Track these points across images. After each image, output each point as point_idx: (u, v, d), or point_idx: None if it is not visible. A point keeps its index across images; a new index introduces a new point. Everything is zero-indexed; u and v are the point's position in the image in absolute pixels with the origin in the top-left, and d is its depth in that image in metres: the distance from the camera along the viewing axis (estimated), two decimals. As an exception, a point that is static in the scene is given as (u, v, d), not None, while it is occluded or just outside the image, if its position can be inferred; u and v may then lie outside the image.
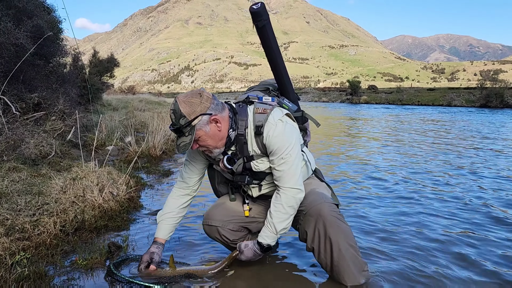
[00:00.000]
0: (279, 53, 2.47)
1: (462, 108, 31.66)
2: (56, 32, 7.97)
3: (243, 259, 2.32)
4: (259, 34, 2.38)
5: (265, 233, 2.22)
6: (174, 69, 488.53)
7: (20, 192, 3.30)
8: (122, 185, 3.75)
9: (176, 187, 2.51)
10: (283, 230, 2.21)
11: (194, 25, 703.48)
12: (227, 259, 2.37)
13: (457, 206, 4.01)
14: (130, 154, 5.96)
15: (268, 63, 2.47)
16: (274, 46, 2.42)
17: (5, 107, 5.48)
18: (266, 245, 2.22)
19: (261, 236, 2.23)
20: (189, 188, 2.49)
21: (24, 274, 2.14)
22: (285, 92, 2.54)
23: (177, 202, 2.47)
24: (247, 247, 2.29)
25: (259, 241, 2.23)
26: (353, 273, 2.19)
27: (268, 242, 2.22)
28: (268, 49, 2.42)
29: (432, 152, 7.76)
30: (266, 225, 2.22)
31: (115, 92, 33.81)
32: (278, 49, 2.46)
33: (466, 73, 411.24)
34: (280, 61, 2.46)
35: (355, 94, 47.55)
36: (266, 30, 2.36)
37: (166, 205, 2.48)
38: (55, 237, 2.70)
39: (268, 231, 2.20)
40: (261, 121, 2.14)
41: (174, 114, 2.03)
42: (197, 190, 2.56)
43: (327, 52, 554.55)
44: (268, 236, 2.21)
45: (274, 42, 2.41)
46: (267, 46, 2.41)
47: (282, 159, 2.13)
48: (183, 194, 2.49)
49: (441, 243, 3.00)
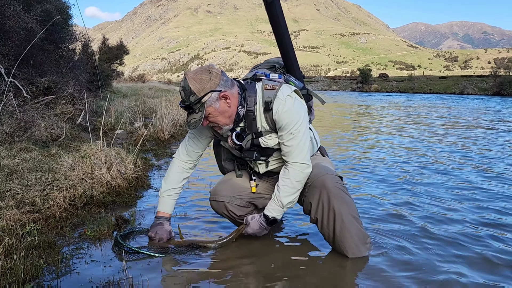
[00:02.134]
0: (287, 31, 2.48)
1: (473, 96, 31.20)
2: (65, 17, 8.02)
3: (249, 232, 2.36)
4: (267, 11, 2.39)
5: (271, 206, 2.26)
6: (184, 58, 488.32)
7: (31, 170, 3.38)
8: (130, 164, 3.81)
9: (178, 159, 2.51)
10: (289, 204, 2.25)
11: (203, 13, 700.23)
12: (234, 232, 2.42)
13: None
14: (138, 138, 6.02)
15: (276, 40, 2.48)
16: (282, 23, 2.42)
17: (16, 91, 5.57)
18: (272, 217, 2.26)
19: (268, 209, 2.27)
20: (191, 162, 2.52)
21: (34, 243, 2.21)
22: (291, 69, 2.55)
23: (180, 175, 2.49)
24: (253, 219, 2.34)
25: (265, 213, 2.28)
26: (356, 245, 2.22)
27: (274, 215, 2.26)
28: (276, 25, 2.42)
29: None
30: (273, 199, 2.26)
31: (125, 81, 33.95)
32: (286, 27, 2.46)
33: (480, 61, 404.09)
34: (287, 38, 2.46)
35: (366, 82, 47.16)
36: (274, 6, 2.36)
37: (169, 179, 2.49)
38: (64, 211, 2.78)
39: (275, 204, 2.24)
40: (270, 97, 2.16)
41: (184, 91, 2.05)
42: (196, 165, 2.60)
43: (338, 40, 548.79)
44: (274, 209, 2.25)
45: (282, 19, 2.41)
46: (275, 23, 2.41)
47: (291, 134, 2.16)
48: (185, 167, 2.51)
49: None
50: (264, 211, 2.30)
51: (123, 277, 1.97)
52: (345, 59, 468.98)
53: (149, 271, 2.08)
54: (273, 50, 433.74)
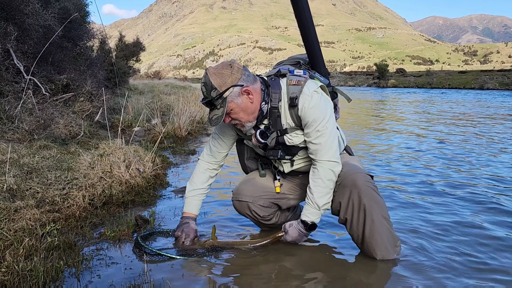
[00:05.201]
0: (312, 24, 2.37)
1: (494, 91, 30.46)
2: (83, 15, 8.05)
3: (288, 239, 2.27)
4: (292, 4, 2.29)
5: (308, 211, 2.16)
6: (199, 55, 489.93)
7: (50, 168, 3.37)
8: (148, 162, 3.77)
9: (202, 160, 2.48)
10: (326, 205, 2.15)
11: (218, 9, 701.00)
12: (270, 237, 2.33)
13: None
14: (156, 135, 6.00)
15: (301, 34, 2.38)
16: (308, 16, 2.32)
17: (35, 88, 5.60)
18: (310, 222, 2.16)
19: (304, 214, 2.18)
20: (216, 163, 2.48)
21: (54, 244, 2.18)
22: (316, 66, 2.45)
23: (204, 176, 2.46)
24: (291, 226, 2.24)
25: (303, 219, 2.18)
26: (386, 246, 2.12)
27: (312, 219, 2.16)
28: (301, 19, 2.32)
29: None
30: (307, 202, 2.17)
31: (141, 78, 34.25)
32: (311, 20, 2.36)
33: (500, 55, 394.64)
34: (313, 33, 2.36)
35: (383, 77, 46.59)
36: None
37: (194, 180, 2.46)
38: (84, 210, 2.75)
39: (311, 208, 2.15)
40: (296, 92, 2.08)
41: (205, 86, 1.99)
42: (222, 166, 2.55)
43: (353, 35, 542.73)
44: (311, 213, 2.15)
45: (307, 12, 2.31)
46: (300, 16, 2.31)
47: (319, 132, 2.07)
48: (210, 168, 2.47)
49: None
50: (301, 217, 2.20)
51: (145, 280, 1.91)
52: (361, 54, 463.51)
53: (171, 273, 2.02)
54: (288, 46, 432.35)
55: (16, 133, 4.40)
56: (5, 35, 5.29)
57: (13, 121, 4.61)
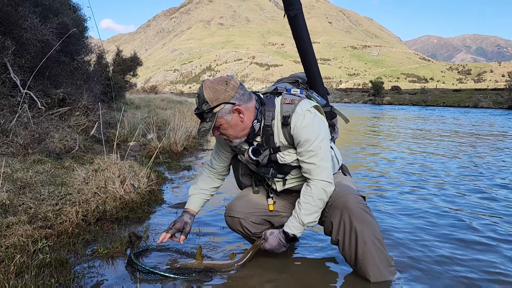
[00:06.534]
0: (310, 45, 2.41)
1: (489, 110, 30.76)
2: (81, 30, 8.10)
3: (267, 247, 2.26)
4: (290, 24, 2.34)
5: (292, 223, 2.16)
6: (196, 70, 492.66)
7: (44, 183, 3.34)
8: (143, 178, 3.75)
9: (207, 169, 2.55)
10: (311, 223, 2.14)
11: (216, 25, 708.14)
12: (251, 249, 2.31)
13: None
14: (151, 150, 5.99)
15: (299, 54, 2.42)
16: (306, 37, 2.36)
17: (31, 102, 5.60)
18: (291, 234, 2.16)
19: (288, 225, 2.17)
20: (218, 174, 2.53)
21: (45, 261, 2.15)
22: (314, 85, 2.48)
23: (208, 181, 2.53)
24: (272, 234, 2.24)
25: (285, 230, 2.18)
26: (378, 268, 2.10)
27: (294, 232, 2.16)
28: (299, 39, 2.36)
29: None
30: (293, 215, 2.16)
31: (138, 92, 34.37)
32: (310, 41, 2.40)
33: (494, 74, 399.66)
34: (311, 53, 2.40)
35: (378, 95, 46.94)
36: (297, 20, 2.31)
37: (197, 183, 2.53)
38: (77, 226, 2.71)
39: (296, 222, 2.14)
40: (289, 111, 2.09)
41: (198, 98, 2.02)
42: (226, 176, 2.58)
43: (349, 52, 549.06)
44: (295, 226, 2.15)
45: (305, 33, 2.36)
46: (298, 37, 2.35)
47: (312, 152, 2.07)
48: (213, 178, 2.54)
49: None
50: (284, 228, 2.19)
51: (137, 300, 1.89)
52: (357, 72, 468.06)
53: (163, 293, 2.00)
54: (284, 62, 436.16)
55: (11, 147, 4.38)
56: (3, 49, 5.31)
57: (7, 135, 4.59)
